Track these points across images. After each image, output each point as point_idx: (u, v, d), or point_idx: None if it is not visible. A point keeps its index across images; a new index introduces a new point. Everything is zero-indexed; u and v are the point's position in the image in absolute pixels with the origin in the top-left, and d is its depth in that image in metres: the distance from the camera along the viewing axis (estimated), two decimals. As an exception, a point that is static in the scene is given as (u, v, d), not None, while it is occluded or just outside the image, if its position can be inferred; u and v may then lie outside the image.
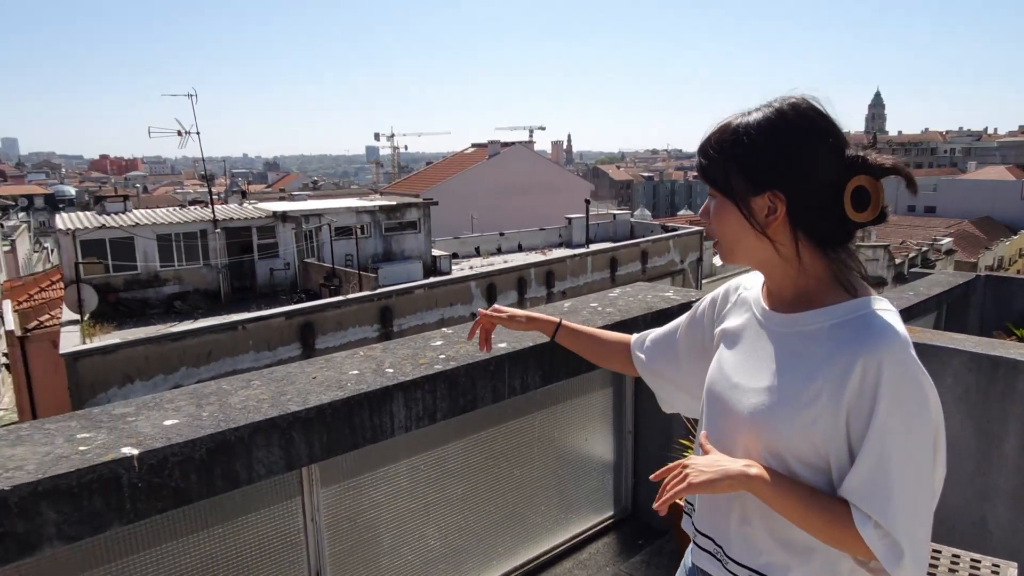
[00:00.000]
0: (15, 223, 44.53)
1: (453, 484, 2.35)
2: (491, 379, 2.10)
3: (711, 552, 1.27)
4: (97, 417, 1.61)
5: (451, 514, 2.36)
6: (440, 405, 1.97)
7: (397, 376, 1.90)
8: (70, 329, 13.30)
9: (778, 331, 1.19)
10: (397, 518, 2.20)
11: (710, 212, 1.22)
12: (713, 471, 1.11)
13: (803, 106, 1.13)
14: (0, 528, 1.27)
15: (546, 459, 2.69)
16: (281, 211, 19.08)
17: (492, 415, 2.39)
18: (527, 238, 27.65)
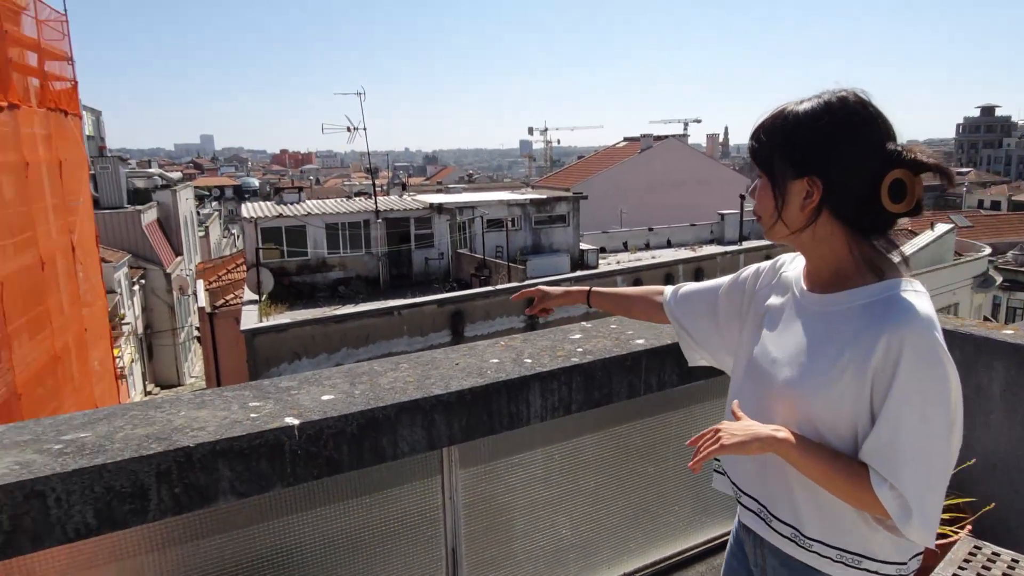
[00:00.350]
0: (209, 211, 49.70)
1: (586, 476, 2.37)
2: (627, 374, 2.10)
3: (755, 512, 1.38)
4: (266, 388, 1.79)
5: (583, 505, 2.39)
6: (575, 397, 2.00)
7: (535, 367, 1.95)
8: (250, 308, 14.69)
9: (813, 310, 1.29)
10: (531, 504, 2.26)
11: (754, 191, 1.31)
12: (744, 434, 1.19)
13: (850, 99, 1.21)
14: (185, 479, 1.45)
15: (682, 459, 2.64)
16: (437, 203, 19.93)
17: (629, 411, 2.39)
18: (677, 234, 26.98)
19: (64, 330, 15.87)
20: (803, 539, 1.29)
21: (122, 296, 26.21)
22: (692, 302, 1.64)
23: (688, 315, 1.64)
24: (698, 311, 1.61)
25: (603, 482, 2.42)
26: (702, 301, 1.61)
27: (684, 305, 1.65)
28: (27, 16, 15.69)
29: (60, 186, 16.42)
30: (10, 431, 1.54)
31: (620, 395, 2.10)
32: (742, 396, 1.37)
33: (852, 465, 1.17)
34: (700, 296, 1.62)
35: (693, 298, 1.64)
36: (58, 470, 1.34)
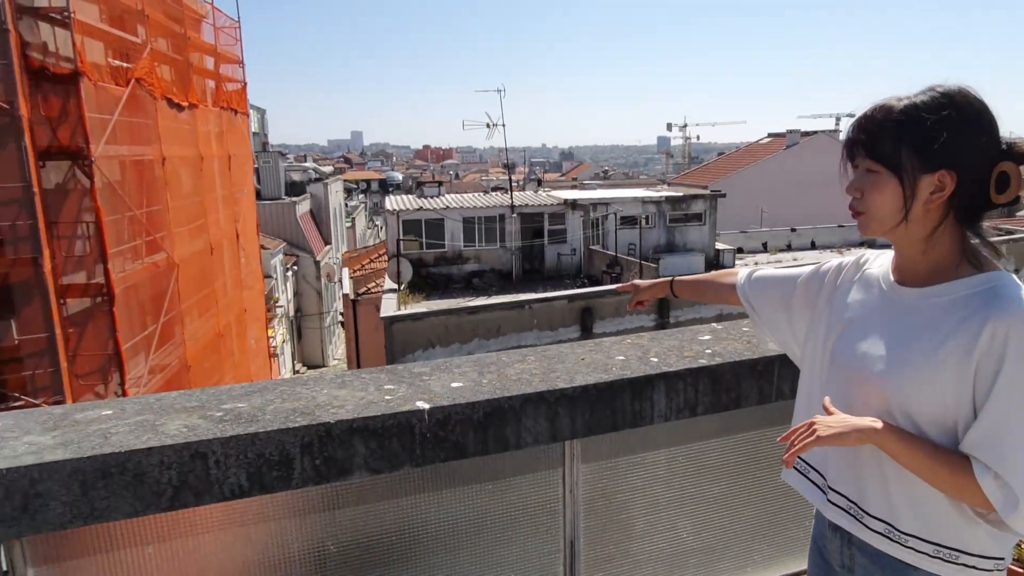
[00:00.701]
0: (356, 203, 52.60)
1: (711, 481, 2.31)
2: (758, 379, 2.03)
3: (844, 508, 1.36)
4: (401, 373, 1.89)
5: (707, 511, 2.33)
6: (702, 399, 1.96)
7: (661, 366, 1.93)
8: (389, 296, 15.42)
9: (909, 303, 1.27)
10: (652, 505, 2.24)
11: (862, 186, 1.27)
12: (841, 426, 1.18)
13: (969, 92, 1.20)
14: (325, 452, 1.57)
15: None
16: (571, 199, 19.97)
17: (759, 417, 2.30)
18: (822, 235, 25.46)
19: (227, 310, 17.39)
20: (898, 534, 1.27)
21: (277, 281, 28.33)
22: (765, 287, 1.65)
23: (760, 299, 1.65)
24: (771, 297, 1.62)
25: (728, 488, 2.35)
26: (777, 288, 1.62)
27: (757, 289, 1.67)
28: (206, 23, 17.28)
29: (228, 179, 17.99)
30: (181, 397, 1.73)
31: (750, 400, 2.03)
32: (826, 391, 1.36)
33: (953, 456, 1.16)
34: (775, 283, 1.63)
35: (767, 284, 1.65)
36: (218, 435, 1.49)
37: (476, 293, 17.72)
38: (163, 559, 1.65)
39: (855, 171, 1.30)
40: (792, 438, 1.22)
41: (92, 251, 10.26)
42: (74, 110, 9.64)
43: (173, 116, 13.64)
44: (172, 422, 1.56)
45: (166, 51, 14.38)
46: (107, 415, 1.61)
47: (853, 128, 1.29)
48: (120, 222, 10.87)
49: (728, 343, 2.12)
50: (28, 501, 1.39)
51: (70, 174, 10.30)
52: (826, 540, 1.50)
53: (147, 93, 12.16)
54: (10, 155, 8.78)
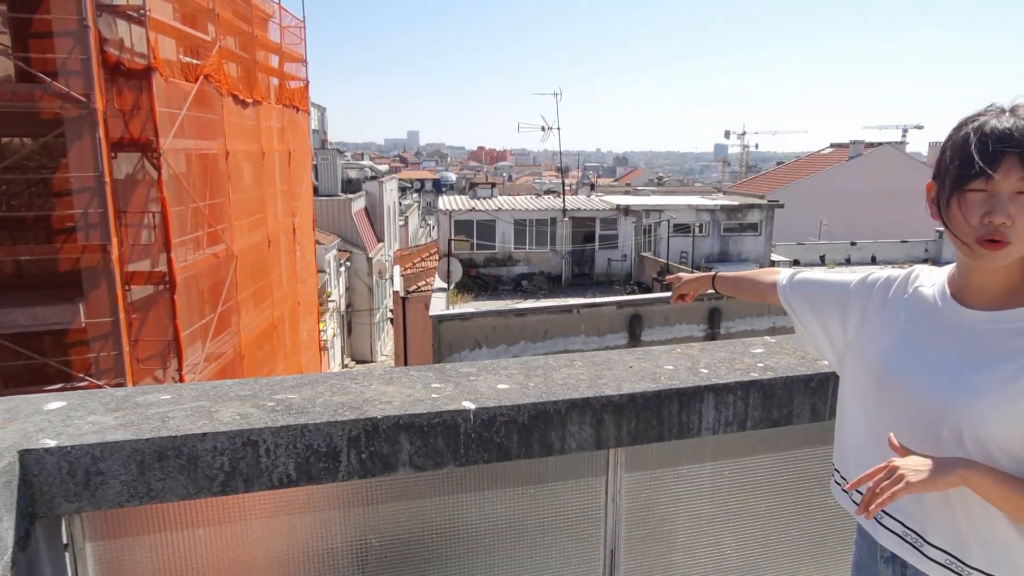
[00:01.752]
0: (409, 202, 53.28)
1: (758, 498, 2.26)
2: (811, 396, 1.97)
3: (900, 535, 1.30)
4: (448, 372, 1.91)
5: (752, 528, 2.28)
6: (752, 414, 1.92)
7: (711, 377, 1.90)
8: (439, 295, 15.56)
9: (975, 327, 1.22)
10: (695, 518, 2.20)
11: (1016, 211, 1.12)
12: (931, 470, 1.10)
13: None
14: (371, 447, 1.59)
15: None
16: (624, 204, 19.83)
17: (811, 435, 2.24)
18: (884, 250, 24.70)
19: (281, 302, 17.82)
20: (964, 568, 1.21)
21: (330, 276, 28.90)
22: (807, 289, 1.60)
23: (800, 301, 1.60)
24: (812, 300, 1.57)
25: (776, 506, 2.30)
26: (819, 292, 1.57)
27: (799, 290, 1.62)
28: (272, 23, 17.76)
29: (288, 174, 18.44)
30: (235, 386, 1.78)
31: (802, 417, 1.98)
32: (879, 417, 1.32)
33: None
34: (818, 286, 1.58)
35: (809, 286, 1.60)
36: (269, 424, 1.53)
37: (525, 295, 17.74)
38: (212, 542, 1.70)
39: (993, 191, 1.14)
40: (871, 484, 1.12)
41: (157, 240, 10.64)
42: (146, 104, 10.02)
43: (238, 112, 14.06)
44: (226, 409, 1.61)
45: (234, 49, 14.83)
46: (166, 399, 1.67)
47: (1006, 140, 1.12)
48: (184, 213, 11.25)
49: (781, 357, 2.07)
50: (89, 478, 1.44)
51: (139, 165, 10.71)
52: (872, 566, 1.44)
53: (214, 89, 12.56)
54: (85, 145, 9.18)
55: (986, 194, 1.15)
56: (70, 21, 8.89)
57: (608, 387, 1.81)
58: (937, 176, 1.28)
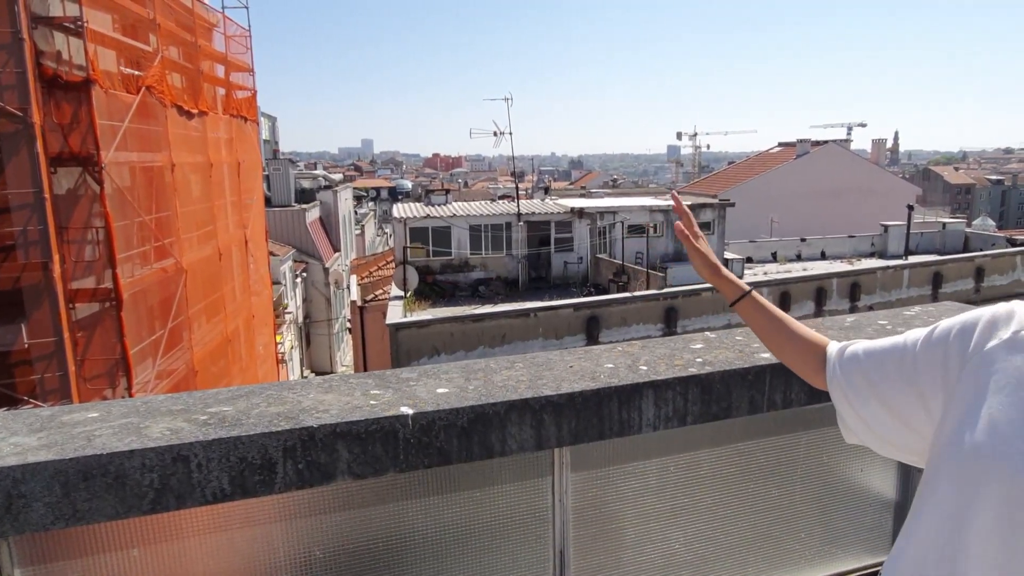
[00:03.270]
0: (365, 211, 52.81)
1: (703, 492, 2.30)
2: (749, 389, 2.01)
3: None
4: (388, 378, 1.90)
5: (699, 522, 2.31)
6: (691, 409, 1.95)
7: (650, 374, 1.92)
8: (395, 303, 15.45)
9: None
10: (642, 515, 2.22)
11: None
12: None
13: None
14: (308, 456, 1.57)
15: (811, 483, 2.49)
16: (578, 207, 19.98)
17: (752, 427, 2.29)
18: (832, 245, 25.35)
19: (235, 315, 17.48)
20: None
21: (286, 287, 28.46)
22: (864, 367, 1.25)
23: (859, 387, 1.24)
24: (879, 383, 1.21)
25: (721, 500, 2.34)
26: (882, 368, 1.21)
27: (853, 371, 1.26)
28: (217, 32, 17.46)
29: (238, 185, 18.12)
30: (167, 400, 1.74)
31: (740, 410, 2.02)
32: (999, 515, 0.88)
33: None
34: (878, 359, 1.24)
35: (867, 362, 1.26)
36: (200, 438, 1.50)
37: (482, 301, 17.73)
38: (148, 562, 1.66)
39: None
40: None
41: (101, 256, 10.35)
42: (85, 117, 9.76)
43: (183, 123, 13.78)
44: (156, 425, 1.57)
45: (177, 59, 14.54)
46: (93, 417, 1.62)
47: None
48: (129, 227, 10.97)
49: (720, 352, 2.11)
50: (11, 502, 1.39)
51: (81, 180, 10.41)
52: None
53: (157, 101, 12.29)
54: (22, 161, 8.89)
55: None
56: (3, 34, 8.62)
57: (547, 387, 1.82)
58: None
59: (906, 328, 2.40)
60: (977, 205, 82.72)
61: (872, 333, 2.31)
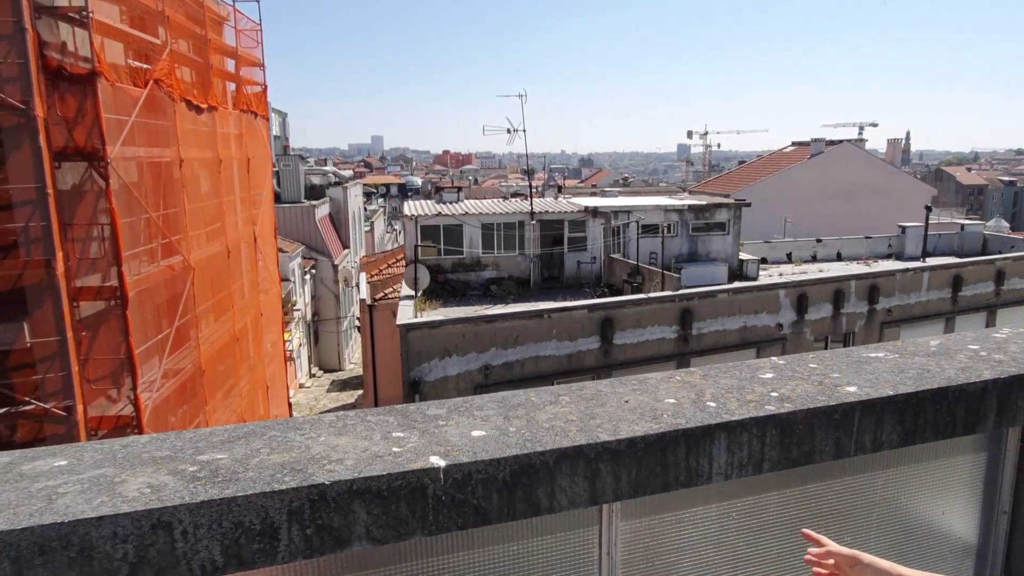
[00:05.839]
0: (375, 207, 52.60)
1: (769, 539, 2.00)
2: (835, 430, 1.72)
3: None
4: (413, 416, 1.61)
5: (764, 572, 2.02)
6: (769, 454, 1.66)
7: (720, 413, 1.63)
8: (406, 303, 15.18)
9: None
10: (700, 566, 1.93)
11: None
12: None
13: None
14: (318, 520, 1.29)
15: (887, 528, 2.20)
16: (592, 206, 19.64)
17: (825, 467, 1.99)
18: (849, 246, 24.92)
19: (244, 313, 17.26)
20: None
21: (295, 284, 28.27)
22: None
23: None
24: None
25: (788, 548, 2.04)
26: None
27: None
28: (228, 26, 17.22)
29: (247, 181, 17.90)
30: (151, 444, 1.46)
31: (825, 455, 1.73)
32: None
33: None
34: None
35: None
36: (187, 500, 1.22)
37: (494, 300, 17.44)
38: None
39: None
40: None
41: (106, 253, 10.12)
42: (90, 111, 9.51)
43: (192, 118, 13.54)
44: (134, 479, 1.29)
45: (186, 53, 14.29)
46: (59, 467, 1.34)
47: None
48: (136, 224, 10.73)
49: (797, 384, 1.81)
50: (-50, 580, 1.12)
51: (86, 175, 10.17)
52: None
53: (166, 95, 12.05)
54: (24, 155, 8.65)
55: None
56: (5, 24, 8.37)
57: (603, 430, 1.53)
58: None
59: (1003, 354, 2.09)
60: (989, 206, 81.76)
61: (965, 361, 2.00)
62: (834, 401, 1.70)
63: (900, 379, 1.85)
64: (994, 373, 1.90)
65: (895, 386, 1.79)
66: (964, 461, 2.28)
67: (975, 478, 2.31)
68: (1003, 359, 2.02)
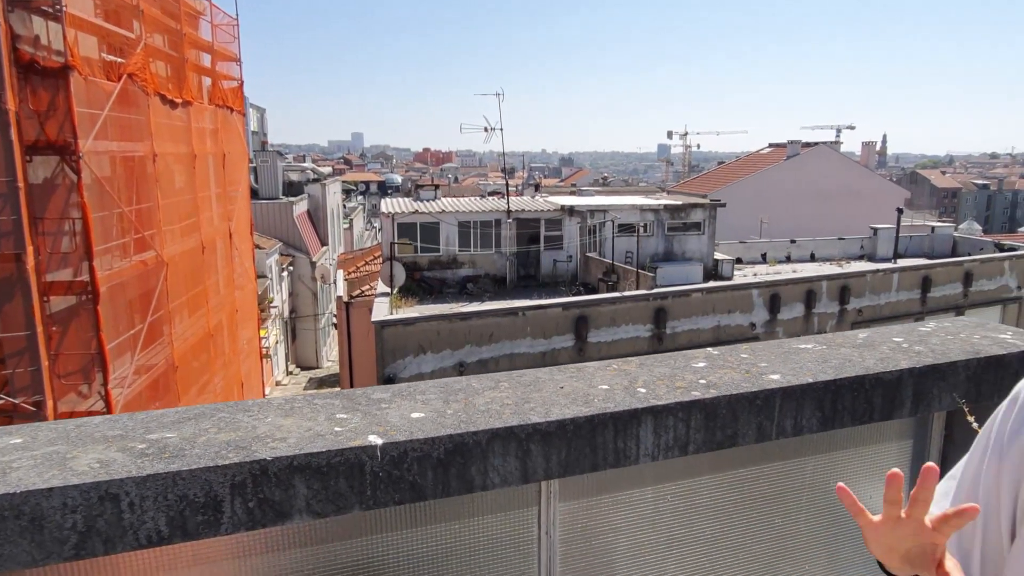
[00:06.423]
0: (354, 204, 52.42)
1: (702, 521, 2.11)
2: (757, 415, 1.83)
3: None
4: (357, 399, 1.70)
5: (696, 554, 2.13)
6: (694, 436, 1.76)
7: (649, 398, 1.73)
8: (382, 300, 15.21)
9: None
10: (636, 547, 2.04)
11: None
12: None
13: None
14: (260, 494, 1.37)
15: (817, 512, 2.32)
16: (568, 205, 19.79)
17: (756, 452, 2.11)
18: (822, 247, 25.30)
19: (219, 309, 17.18)
20: None
21: (272, 281, 28.12)
22: None
23: None
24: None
25: (721, 529, 2.16)
26: None
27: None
28: (204, 20, 17.11)
29: (223, 177, 17.80)
30: (103, 424, 1.53)
31: (747, 438, 1.84)
32: None
33: None
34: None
35: None
36: (134, 473, 1.30)
37: (470, 298, 17.52)
38: (79, 608, 1.45)
39: None
40: None
41: (78, 248, 10.06)
42: (63, 104, 9.46)
43: (166, 113, 13.46)
44: (85, 455, 1.36)
45: (161, 47, 14.21)
46: (14, 444, 1.42)
47: None
48: (108, 219, 10.67)
49: (725, 372, 1.92)
50: (-92, 548, 1.19)
51: (58, 169, 10.10)
52: None
53: (140, 89, 11.98)
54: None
55: None
56: (-24, 16, 8.31)
57: (535, 412, 1.62)
58: None
59: (924, 347, 2.23)
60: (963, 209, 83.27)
61: (887, 352, 2.13)
62: (757, 388, 1.81)
63: (822, 368, 1.97)
64: (911, 363, 2.03)
65: (816, 374, 1.91)
66: (891, 447, 2.41)
67: (902, 464, 2.44)
68: (922, 351, 2.15)
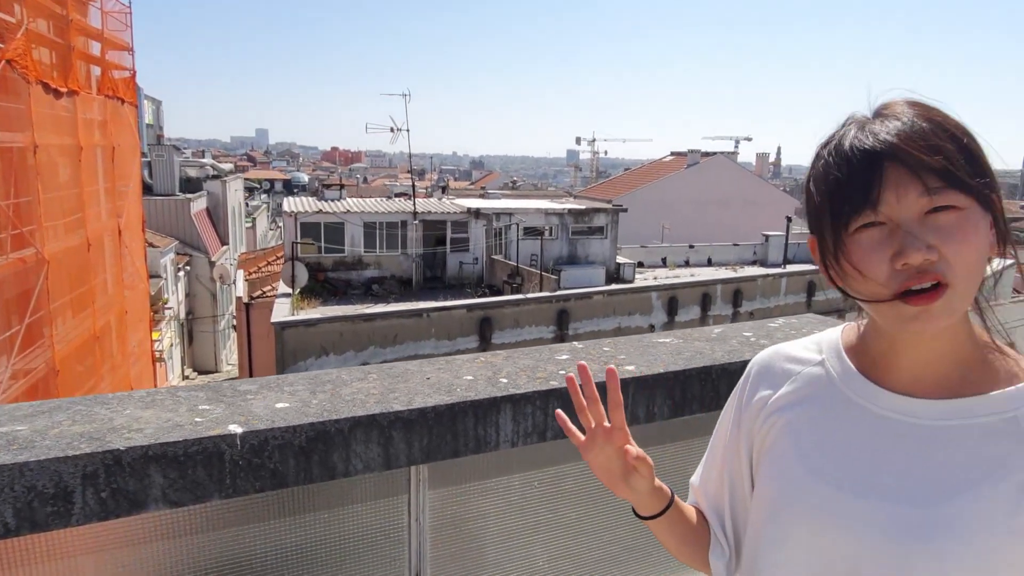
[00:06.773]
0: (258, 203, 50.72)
1: (567, 507, 2.24)
2: (610, 403, 1.97)
3: None
4: (223, 391, 1.72)
5: (563, 538, 2.26)
6: (552, 423, 1.88)
7: (509, 387, 1.84)
8: (283, 301, 14.85)
9: (931, 426, 0.85)
10: (504, 532, 2.14)
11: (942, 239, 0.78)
12: None
13: None
14: (113, 484, 1.38)
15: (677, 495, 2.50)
16: (475, 208, 19.93)
17: (618, 439, 2.25)
18: (718, 253, 26.51)
19: (106, 310, 16.28)
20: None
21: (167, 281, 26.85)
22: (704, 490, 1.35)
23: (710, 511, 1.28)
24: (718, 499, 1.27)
25: (586, 514, 2.29)
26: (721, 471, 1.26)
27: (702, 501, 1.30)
28: (93, 7, 16.21)
29: (112, 171, 16.90)
30: (-51, 418, 1.50)
31: (602, 424, 1.97)
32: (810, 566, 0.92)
33: None
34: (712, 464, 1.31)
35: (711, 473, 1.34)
36: (-23, 465, 1.28)
37: (376, 300, 17.35)
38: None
39: (891, 219, 0.80)
40: None
41: (-56, 244, 9.33)
42: (-72, 89, 8.76)
43: (49, 102, 12.67)
44: (-75, 449, 1.33)
45: (46, 33, 13.37)
46: None
47: (884, 150, 0.79)
48: (-20, 213, 9.95)
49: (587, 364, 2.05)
50: None
51: (-78, 158, 9.35)
52: None
53: (20, 76, 11.23)
54: None
55: (883, 228, 0.81)
56: None
57: (398, 402, 1.70)
58: (813, 227, 0.91)
59: (769, 341, 2.44)
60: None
61: (735, 345, 2.33)
62: (611, 378, 1.94)
63: (675, 360, 2.14)
64: (754, 354, 2.22)
65: (668, 365, 2.07)
66: (743, 434, 2.62)
67: (753, 449, 2.66)
68: (767, 344, 2.36)
